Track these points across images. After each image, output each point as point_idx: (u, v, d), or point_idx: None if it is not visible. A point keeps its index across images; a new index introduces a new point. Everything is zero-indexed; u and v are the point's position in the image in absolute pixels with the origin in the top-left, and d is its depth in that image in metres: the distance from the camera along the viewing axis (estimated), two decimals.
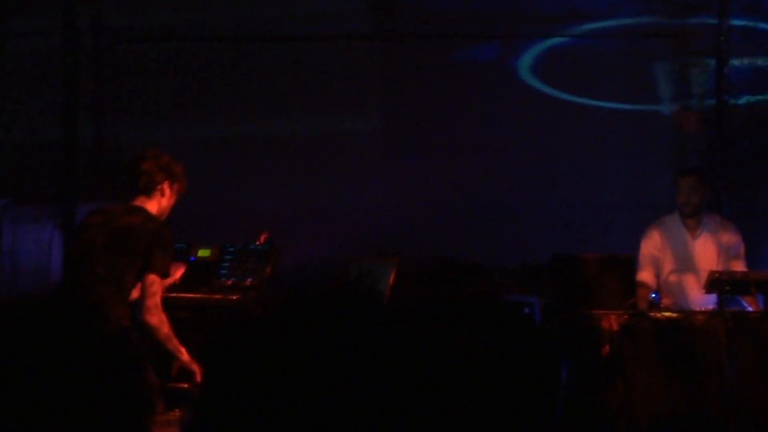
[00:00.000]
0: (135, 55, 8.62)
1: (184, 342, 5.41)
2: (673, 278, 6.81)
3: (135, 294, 5.35)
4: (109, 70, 8.64)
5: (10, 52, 8.65)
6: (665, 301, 6.68)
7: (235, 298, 6.32)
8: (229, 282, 6.53)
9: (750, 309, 6.29)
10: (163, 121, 8.44)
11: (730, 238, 6.82)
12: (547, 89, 8.60)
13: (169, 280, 5.71)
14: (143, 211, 5.37)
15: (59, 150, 8.27)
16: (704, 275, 6.39)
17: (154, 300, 5.17)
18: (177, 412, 5.01)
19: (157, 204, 5.42)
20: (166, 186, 5.43)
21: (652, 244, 6.84)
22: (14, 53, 8.64)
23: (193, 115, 8.49)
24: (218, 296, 6.37)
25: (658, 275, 6.82)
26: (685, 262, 6.79)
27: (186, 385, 5.44)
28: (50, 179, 8.25)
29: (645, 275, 6.74)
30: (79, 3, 8.31)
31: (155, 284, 5.19)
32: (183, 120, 8.48)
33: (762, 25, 8.54)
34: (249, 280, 6.47)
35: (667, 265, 6.82)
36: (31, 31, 8.57)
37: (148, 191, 5.41)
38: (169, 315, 5.57)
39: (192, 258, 6.63)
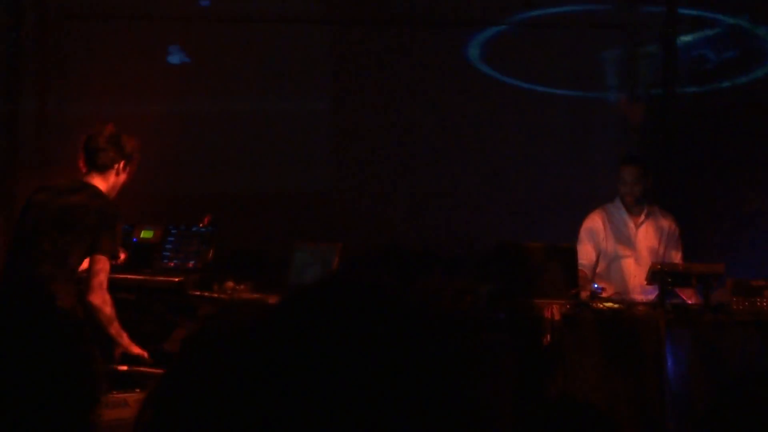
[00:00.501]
0: (79, 33, 8.48)
1: (124, 323, 5.39)
2: (614, 265, 6.83)
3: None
4: (53, 47, 8.49)
5: None
6: (607, 291, 6.71)
7: (177, 280, 6.28)
8: (172, 264, 6.50)
9: (690, 301, 6.33)
10: (108, 98, 8.32)
11: (671, 228, 6.87)
12: (495, 75, 8.59)
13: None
14: (90, 187, 5.34)
15: (2, 125, 8.14)
16: (645, 263, 6.43)
17: (98, 279, 5.16)
18: (121, 394, 4.97)
19: (108, 181, 5.40)
20: (121, 165, 5.41)
21: (593, 223, 6.85)
22: None
23: (137, 92, 8.37)
24: (160, 278, 6.32)
25: (597, 259, 6.84)
26: (627, 250, 6.81)
27: (125, 368, 5.42)
28: None
29: (584, 261, 6.72)
30: None
31: (100, 263, 5.17)
32: (128, 97, 8.36)
33: (709, 15, 8.60)
34: (191, 262, 6.44)
35: (610, 251, 6.84)
36: None
37: (104, 168, 5.39)
38: (112, 296, 5.54)
39: (135, 239, 6.59)
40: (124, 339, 5.28)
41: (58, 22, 8.44)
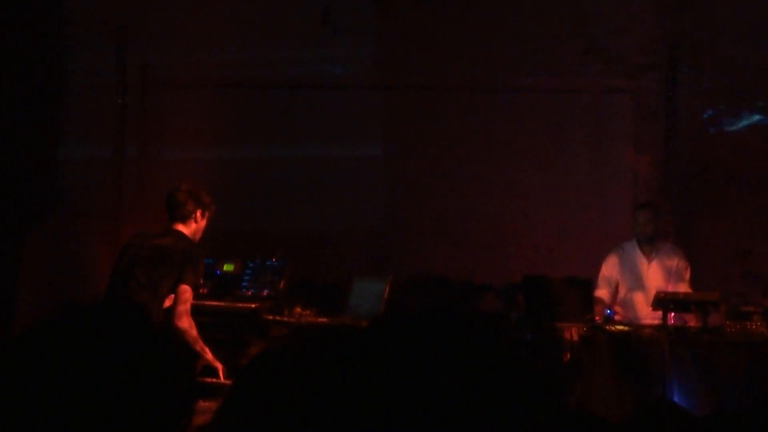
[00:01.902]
0: (176, 97, 8.67)
1: (209, 342, 5.47)
2: (627, 296, 6.80)
3: (168, 302, 5.43)
4: (153, 107, 8.69)
5: (70, 85, 8.72)
6: (619, 316, 6.68)
7: (253, 306, 6.35)
8: (249, 292, 6.57)
9: (690, 324, 6.27)
10: (199, 150, 8.51)
11: (679, 263, 6.82)
12: (521, 136, 8.61)
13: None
14: (177, 233, 5.47)
15: (109, 172, 8.30)
16: (653, 294, 6.40)
17: (185, 307, 5.27)
18: (205, 403, 5.02)
19: (190, 228, 5.51)
20: (198, 214, 5.51)
21: (610, 266, 6.85)
22: (74, 86, 8.70)
23: (222, 147, 8.53)
24: (240, 304, 6.40)
25: (614, 293, 6.82)
26: (638, 283, 6.78)
27: (211, 380, 5.47)
28: (101, 198, 8.28)
29: (601, 293, 6.74)
30: (126, 51, 8.34)
31: (186, 293, 5.28)
32: (214, 151, 8.52)
33: (706, 84, 8.57)
34: (266, 291, 6.51)
35: (623, 285, 6.82)
36: (87, 69, 8.65)
37: (184, 219, 5.51)
38: (199, 319, 5.64)
39: (218, 272, 6.67)
40: (208, 354, 5.35)
41: (156, 89, 8.63)
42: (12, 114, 8.21)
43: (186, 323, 5.25)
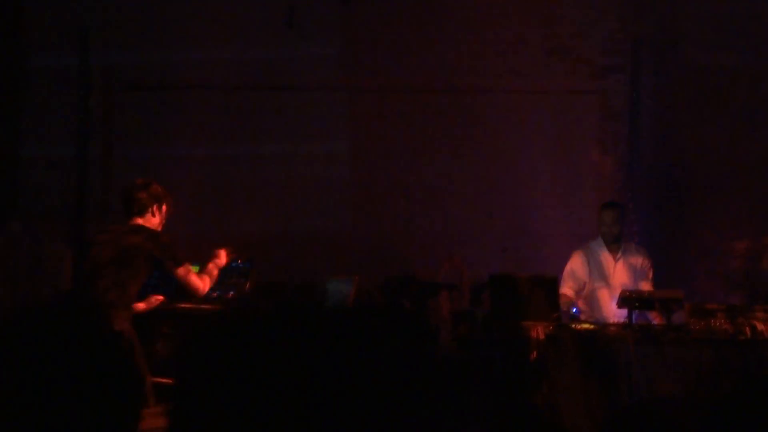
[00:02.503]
0: (139, 99, 8.60)
1: (169, 343, 5.48)
2: (593, 294, 6.81)
3: (142, 305, 5.61)
4: (117, 108, 8.61)
5: (31, 81, 8.61)
6: (584, 315, 6.67)
7: (219, 308, 6.27)
8: (215, 294, 6.49)
9: (655, 322, 6.29)
10: (163, 149, 8.45)
11: (643, 262, 6.85)
12: (487, 137, 8.61)
13: (155, 302, 5.79)
14: (140, 228, 5.44)
15: (72, 171, 8.20)
16: (618, 292, 6.40)
17: (192, 280, 5.56)
18: (162, 406, 4.96)
19: (150, 222, 5.50)
20: (154, 207, 5.53)
21: (577, 263, 6.86)
22: (34, 83, 8.60)
23: (186, 146, 8.47)
24: (204, 306, 6.32)
25: (579, 290, 6.83)
26: (604, 281, 6.80)
27: (169, 381, 5.42)
28: (65, 197, 8.18)
29: (566, 289, 6.74)
30: (89, 52, 8.23)
31: (181, 273, 5.51)
32: (178, 151, 8.46)
33: (670, 85, 8.62)
34: (231, 293, 6.44)
35: (589, 282, 6.83)
36: (50, 68, 8.54)
37: (141, 213, 5.51)
38: (161, 323, 5.61)
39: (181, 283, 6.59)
40: (216, 270, 5.79)
41: (120, 91, 8.56)
42: None
43: (208, 287, 5.69)
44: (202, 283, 5.63)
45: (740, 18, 8.40)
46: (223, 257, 5.94)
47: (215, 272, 5.83)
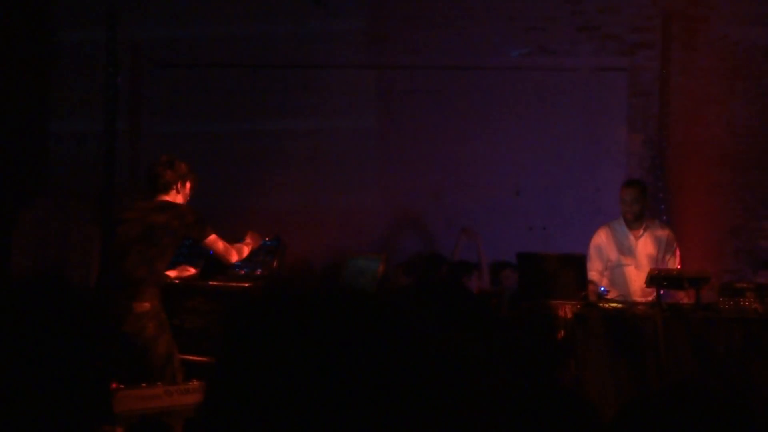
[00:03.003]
0: (167, 75, 8.62)
1: (200, 319, 5.52)
2: (618, 271, 6.76)
3: (172, 273, 5.79)
4: (146, 84, 8.63)
5: (60, 57, 8.64)
6: (612, 294, 6.64)
7: (246, 285, 6.29)
8: (242, 272, 6.51)
9: (683, 301, 6.24)
10: (191, 125, 8.47)
11: (668, 236, 6.79)
12: (515, 114, 8.57)
13: (185, 273, 5.82)
14: (166, 205, 5.46)
15: (101, 147, 8.23)
16: (645, 269, 6.35)
17: (224, 248, 5.66)
18: (195, 382, 4.99)
19: (175, 199, 5.53)
20: (179, 184, 5.57)
21: (601, 238, 6.80)
22: (63, 59, 8.63)
23: (216, 122, 8.48)
24: (232, 284, 6.34)
25: (605, 269, 6.77)
26: (628, 258, 6.75)
27: (200, 358, 5.45)
28: (91, 174, 8.21)
29: (593, 274, 6.68)
30: (117, 29, 8.23)
31: (212, 242, 5.59)
32: (207, 126, 8.48)
33: (700, 61, 8.52)
34: (259, 270, 6.45)
35: (613, 260, 6.77)
36: (78, 42, 8.56)
37: (166, 189, 5.55)
38: (189, 301, 5.65)
39: (211, 252, 6.62)
40: (254, 242, 6.01)
41: (148, 68, 8.58)
42: (2, 89, 8.13)
43: (235, 258, 5.76)
44: (233, 251, 5.71)
45: None
46: (254, 240, 5.98)
47: (245, 250, 5.87)
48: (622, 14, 8.52)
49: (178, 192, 5.57)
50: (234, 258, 5.74)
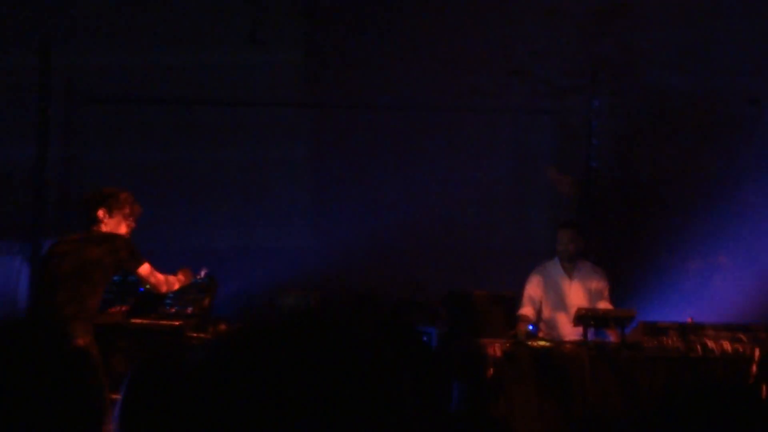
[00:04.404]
0: (100, 109, 8.57)
1: (129, 360, 5.42)
2: (549, 315, 6.85)
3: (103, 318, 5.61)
4: (78, 120, 8.55)
5: None
6: (541, 333, 6.73)
7: (177, 324, 6.24)
8: (173, 310, 6.43)
9: (611, 339, 6.35)
10: (124, 156, 8.43)
11: (599, 282, 6.89)
12: (447, 154, 8.68)
13: (118, 310, 5.78)
14: (104, 239, 5.37)
15: (30, 185, 8.11)
16: (574, 311, 6.45)
17: (154, 280, 5.58)
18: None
19: (113, 229, 5.45)
20: (113, 215, 5.46)
21: (534, 286, 6.88)
22: None
23: (146, 163, 8.44)
24: (163, 322, 6.28)
25: (538, 311, 6.86)
26: (560, 302, 6.83)
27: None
28: (20, 216, 8.09)
29: (525, 310, 6.79)
30: (50, 59, 8.16)
31: (144, 272, 5.50)
32: (139, 158, 8.45)
33: (627, 106, 8.75)
34: (190, 308, 6.38)
35: (546, 305, 6.85)
36: (8, 68, 8.45)
37: (95, 222, 5.47)
38: (119, 339, 5.59)
39: (141, 289, 6.54)
40: (186, 278, 5.89)
41: (80, 102, 8.52)
42: None
43: (164, 289, 5.69)
44: (165, 282, 5.67)
45: (696, 42, 8.56)
46: (186, 276, 5.93)
47: (176, 284, 5.81)
48: (552, 59, 8.73)
49: (105, 224, 5.49)
50: (164, 289, 5.71)
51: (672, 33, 8.59)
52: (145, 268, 5.50)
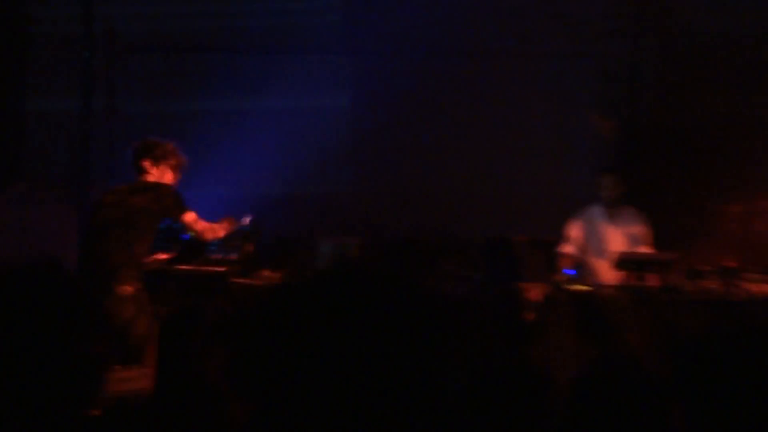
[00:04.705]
0: (142, 59, 8.65)
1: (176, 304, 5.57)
2: (590, 258, 6.88)
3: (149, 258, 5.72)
4: (119, 69, 8.63)
5: (33, 35, 8.61)
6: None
7: (221, 269, 6.35)
8: (218, 256, 6.55)
9: (651, 284, 6.36)
10: (167, 104, 8.49)
11: (640, 228, 6.90)
12: (489, 99, 8.66)
13: (163, 257, 5.88)
14: (150, 188, 5.49)
15: (77, 131, 8.21)
16: (615, 256, 6.47)
17: (199, 230, 5.66)
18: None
19: (159, 179, 5.56)
20: (160, 165, 5.59)
21: (575, 228, 6.93)
22: (39, 39, 8.60)
23: (191, 101, 8.53)
24: (207, 268, 6.39)
25: (578, 251, 6.90)
26: (600, 248, 6.86)
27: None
28: (68, 158, 8.22)
29: (567, 248, 6.84)
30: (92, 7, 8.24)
31: (189, 219, 5.58)
32: (182, 105, 8.52)
33: (670, 49, 8.64)
34: (234, 255, 6.49)
35: (586, 246, 6.90)
36: (52, 19, 8.53)
37: (141, 172, 5.58)
38: (167, 284, 5.70)
39: (186, 236, 6.64)
40: (230, 227, 5.92)
41: (122, 52, 8.59)
42: None
43: (209, 236, 5.76)
44: (209, 230, 5.74)
45: None
46: (230, 224, 6.00)
47: (221, 231, 5.89)
48: (594, 1, 8.62)
49: (160, 172, 5.62)
50: (209, 236, 5.78)
51: None
52: (190, 216, 5.58)
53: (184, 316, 5.75)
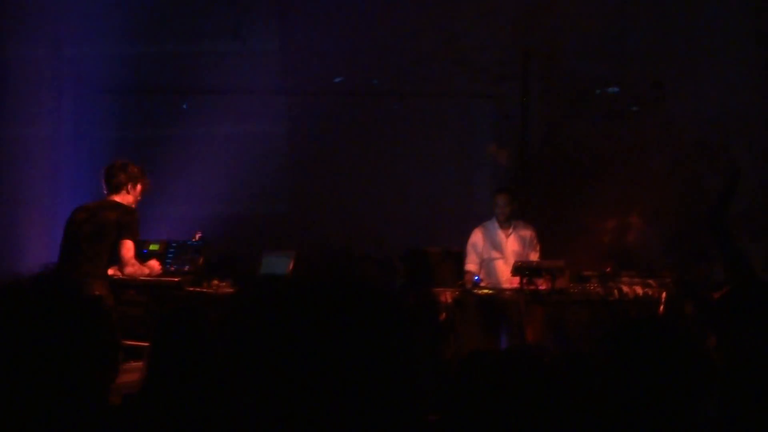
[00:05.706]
0: (105, 99, 8.51)
1: (139, 318, 5.49)
2: (490, 264, 6.98)
3: (110, 271, 5.53)
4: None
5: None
6: (484, 282, 6.85)
7: (176, 280, 6.28)
8: (173, 268, 6.47)
9: (541, 287, 6.49)
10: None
11: (531, 235, 7.03)
12: (402, 133, 8.76)
13: (152, 269, 5.80)
14: (115, 205, 5.43)
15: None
16: (511, 263, 6.59)
17: (125, 259, 5.40)
18: (133, 363, 4.97)
19: (126, 198, 5.49)
20: (129, 186, 5.49)
21: (476, 236, 7.01)
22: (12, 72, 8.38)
23: (146, 142, 8.40)
24: (164, 278, 6.31)
25: (479, 262, 6.99)
26: (499, 252, 6.98)
27: (137, 343, 5.42)
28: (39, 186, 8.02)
29: (470, 266, 6.91)
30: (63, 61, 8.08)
31: (125, 247, 5.37)
32: (142, 151, 8.39)
33: (549, 87, 8.85)
34: (187, 267, 6.44)
35: (486, 254, 6.99)
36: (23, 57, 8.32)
37: (118, 189, 5.49)
38: (128, 293, 5.62)
39: (145, 251, 6.55)
40: (154, 270, 5.74)
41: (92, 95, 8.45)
42: None
43: (129, 271, 5.44)
44: (135, 266, 5.48)
45: (609, 33, 8.66)
46: (153, 270, 5.85)
47: (142, 272, 5.67)
48: (489, 51, 8.79)
49: (128, 192, 5.54)
50: (129, 271, 5.47)
51: (589, 26, 8.68)
52: (130, 244, 5.39)
53: (178, 318, 5.66)
